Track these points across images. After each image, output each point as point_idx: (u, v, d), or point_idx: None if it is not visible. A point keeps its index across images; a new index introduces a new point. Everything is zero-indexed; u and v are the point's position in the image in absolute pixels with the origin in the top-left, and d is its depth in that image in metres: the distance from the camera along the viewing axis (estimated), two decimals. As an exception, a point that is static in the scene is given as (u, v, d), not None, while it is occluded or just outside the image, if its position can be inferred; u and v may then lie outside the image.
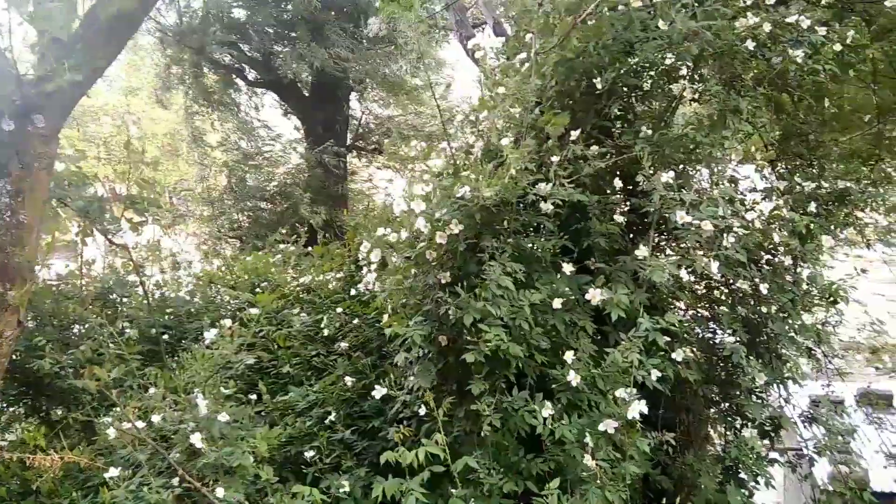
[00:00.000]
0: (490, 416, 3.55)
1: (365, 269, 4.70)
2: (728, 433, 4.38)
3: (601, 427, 3.35)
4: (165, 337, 5.25)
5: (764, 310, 3.91)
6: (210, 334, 3.81)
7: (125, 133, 17.48)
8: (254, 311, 4.30)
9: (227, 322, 3.85)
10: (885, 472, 9.01)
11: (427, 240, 3.79)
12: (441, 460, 3.47)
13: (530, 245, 3.86)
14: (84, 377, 3.30)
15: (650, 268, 3.53)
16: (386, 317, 4.06)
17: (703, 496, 3.87)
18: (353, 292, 5.24)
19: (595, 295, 3.55)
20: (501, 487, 3.55)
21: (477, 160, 4.08)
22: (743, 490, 3.94)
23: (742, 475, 4.01)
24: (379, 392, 3.91)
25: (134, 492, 3.37)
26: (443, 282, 3.80)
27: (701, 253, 3.61)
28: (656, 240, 4.37)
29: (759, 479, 3.94)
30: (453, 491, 3.49)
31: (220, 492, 3.23)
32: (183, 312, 5.89)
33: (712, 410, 4.48)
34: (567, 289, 3.74)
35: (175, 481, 3.53)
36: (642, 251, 3.62)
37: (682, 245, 3.71)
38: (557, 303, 3.61)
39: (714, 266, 3.57)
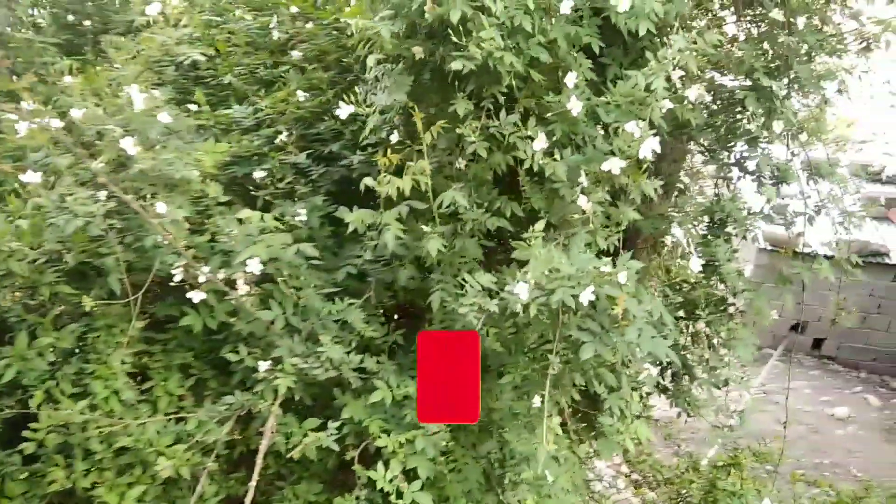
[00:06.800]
0: (476, 144, 3.06)
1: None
2: (720, 184, 4.07)
3: (605, 166, 2.87)
4: (88, 23, 4.38)
5: (793, 45, 3.36)
6: (153, 8, 3.04)
7: None
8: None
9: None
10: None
11: None
12: (422, 194, 3.02)
13: None
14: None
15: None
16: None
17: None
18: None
19: None
20: (484, 224, 3.18)
21: None
22: (728, 244, 3.69)
23: (729, 228, 3.74)
24: (345, 111, 3.28)
25: (55, 202, 2.83)
26: None
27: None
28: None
29: (747, 234, 3.68)
30: (426, 228, 3.07)
31: (161, 207, 2.72)
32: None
33: (706, 162, 4.13)
34: None
35: (103, 194, 2.98)
36: None
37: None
38: (566, 5, 2.82)
39: None
